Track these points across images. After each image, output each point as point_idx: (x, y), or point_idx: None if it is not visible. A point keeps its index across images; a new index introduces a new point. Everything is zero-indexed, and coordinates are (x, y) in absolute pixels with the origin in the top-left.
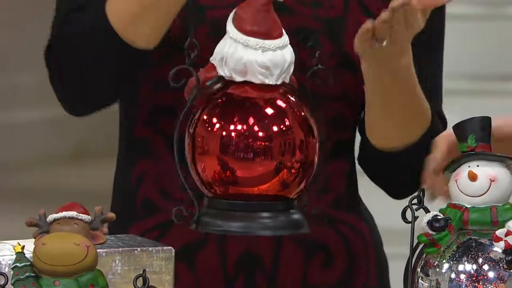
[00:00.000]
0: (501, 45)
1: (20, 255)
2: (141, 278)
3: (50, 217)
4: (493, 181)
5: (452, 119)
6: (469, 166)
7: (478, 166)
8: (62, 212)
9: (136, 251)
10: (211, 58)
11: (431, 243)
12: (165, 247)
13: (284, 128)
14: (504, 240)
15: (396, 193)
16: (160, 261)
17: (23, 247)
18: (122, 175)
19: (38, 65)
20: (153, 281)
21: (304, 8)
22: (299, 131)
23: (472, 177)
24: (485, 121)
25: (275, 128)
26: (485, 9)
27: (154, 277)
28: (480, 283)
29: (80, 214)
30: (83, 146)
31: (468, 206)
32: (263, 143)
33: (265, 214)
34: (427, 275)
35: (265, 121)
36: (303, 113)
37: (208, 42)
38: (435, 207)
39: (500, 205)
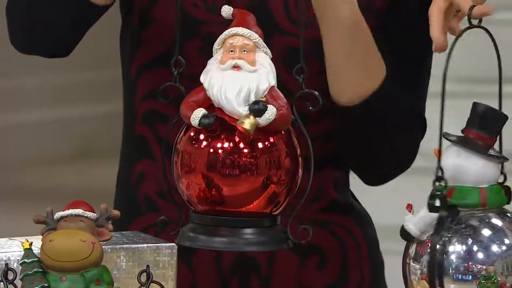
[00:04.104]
0: (490, 49)
1: (28, 251)
2: (145, 274)
3: (57, 215)
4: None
5: (446, 121)
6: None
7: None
8: (68, 209)
9: (140, 248)
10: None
11: None
12: (168, 244)
13: (268, 145)
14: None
15: (366, 171)
16: (163, 257)
17: (31, 244)
18: (124, 172)
19: (42, 67)
20: (157, 277)
21: (295, 27)
22: (282, 148)
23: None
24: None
25: (260, 145)
26: None
27: (157, 272)
28: (470, 263)
29: (86, 212)
30: (88, 146)
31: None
32: (248, 160)
33: (248, 230)
34: (419, 258)
35: (250, 138)
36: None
37: (199, 56)
38: None
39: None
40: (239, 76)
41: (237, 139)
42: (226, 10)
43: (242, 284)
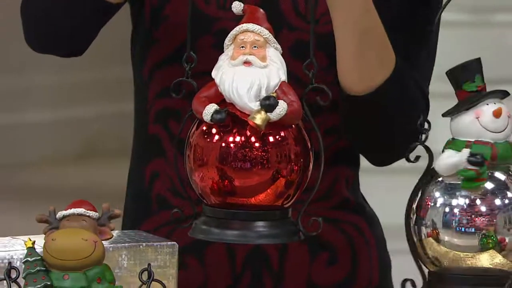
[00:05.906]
0: (489, 51)
1: (31, 250)
2: (146, 272)
3: (60, 214)
4: (510, 117)
5: (446, 121)
6: (487, 104)
7: (495, 103)
8: (71, 209)
9: (141, 246)
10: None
11: (478, 176)
12: (169, 242)
13: (279, 139)
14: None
15: (374, 154)
16: (164, 256)
17: (33, 242)
18: (135, 173)
19: (48, 66)
20: (158, 275)
21: (304, 23)
22: (293, 142)
23: (498, 114)
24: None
25: (270, 139)
26: (474, 16)
27: (158, 271)
28: (473, 216)
29: (88, 211)
30: (92, 146)
31: (493, 141)
32: (259, 153)
33: (260, 223)
34: (423, 214)
35: (261, 132)
36: (297, 124)
37: (212, 53)
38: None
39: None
40: (250, 72)
41: (248, 133)
42: (237, 6)
43: (254, 279)
